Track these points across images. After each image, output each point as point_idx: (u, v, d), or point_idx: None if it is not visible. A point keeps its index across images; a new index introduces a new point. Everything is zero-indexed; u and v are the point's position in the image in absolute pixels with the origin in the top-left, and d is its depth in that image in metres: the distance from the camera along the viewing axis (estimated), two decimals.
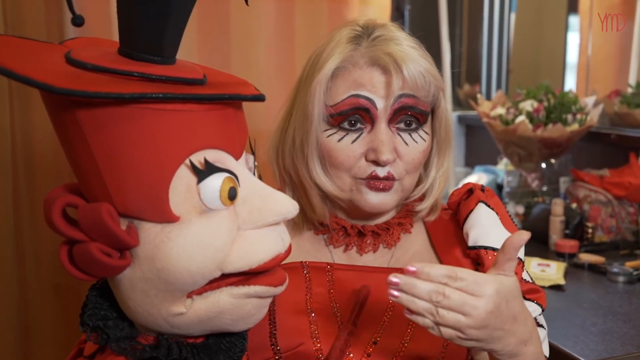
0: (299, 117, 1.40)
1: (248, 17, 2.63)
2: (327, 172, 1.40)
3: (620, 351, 1.81)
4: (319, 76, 1.36)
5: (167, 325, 1.01)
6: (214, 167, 0.96)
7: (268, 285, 1.03)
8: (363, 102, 1.34)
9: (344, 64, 1.36)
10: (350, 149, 1.36)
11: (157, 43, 0.98)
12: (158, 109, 0.93)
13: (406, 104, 1.35)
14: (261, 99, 1.03)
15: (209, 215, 0.96)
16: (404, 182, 1.40)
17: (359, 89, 1.34)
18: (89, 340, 1.05)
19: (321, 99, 1.35)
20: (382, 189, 1.37)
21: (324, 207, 1.45)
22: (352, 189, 1.38)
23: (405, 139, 1.37)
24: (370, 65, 1.35)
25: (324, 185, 1.39)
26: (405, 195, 1.44)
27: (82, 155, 0.96)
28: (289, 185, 1.48)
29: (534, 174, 3.08)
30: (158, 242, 0.95)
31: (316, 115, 1.36)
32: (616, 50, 3.45)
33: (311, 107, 1.36)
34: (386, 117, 1.35)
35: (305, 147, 1.39)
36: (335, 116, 1.35)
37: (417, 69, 1.34)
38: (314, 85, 1.36)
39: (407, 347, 1.35)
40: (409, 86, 1.34)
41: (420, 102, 1.37)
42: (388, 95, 1.34)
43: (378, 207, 1.38)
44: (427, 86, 1.37)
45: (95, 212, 0.93)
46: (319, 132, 1.37)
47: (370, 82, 1.35)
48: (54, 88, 0.87)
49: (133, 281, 0.98)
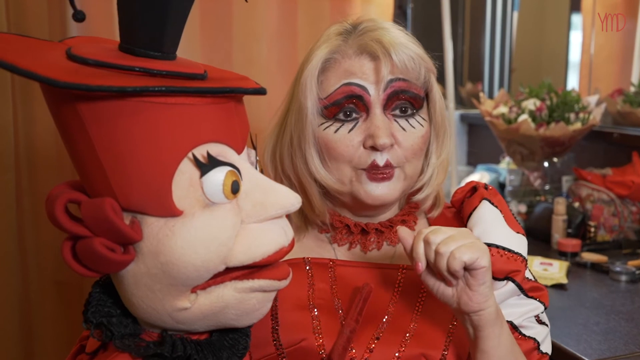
0: (294, 115, 1.41)
1: (250, 15, 2.64)
2: (327, 166, 1.40)
3: (623, 350, 1.80)
4: (308, 68, 1.38)
5: (171, 320, 1.01)
6: (217, 161, 0.97)
7: (272, 279, 1.03)
8: (356, 90, 1.35)
9: (333, 56, 1.38)
10: (348, 138, 1.36)
11: (157, 38, 0.98)
12: (160, 103, 0.93)
13: (399, 87, 1.36)
14: (262, 92, 1.04)
15: (212, 208, 0.96)
16: (406, 169, 1.40)
17: (350, 77, 1.36)
18: (92, 337, 1.05)
19: (313, 91, 1.37)
20: (383, 179, 1.37)
21: (323, 205, 1.45)
22: (353, 180, 1.38)
23: (402, 125, 1.38)
24: (359, 54, 1.37)
25: (323, 179, 1.40)
26: (410, 184, 1.44)
27: (84, 150, 0.96)
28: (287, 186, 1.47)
29: (536, 173, 3.08)
30: (162, 237, 0.95)
31: (310, 109, 1.37)
32: (619, 49, 3.44)
33: (304, 100, 1.37)
34: (380, 104, 1.36)
35: (303, 143, 1.39)
36: (329, 107, 1.36)
37: (406, 52, 1.35)
38: (304, 77, 1.38)
39: (410, 343, 1.35)
40: (399, 70, 1.36)
41: (412, 85, 1.38)
42: (379, 81, 1.35)
43: (380, 198, 1.38)
44: (417, 68, 1.38)
45: (98, 207, 0.92)
46: (314, 126, 1.38)
47: (361, 69, 1.36)
48: (56, 82, 0.87)
49: (137, 276, 0.98)
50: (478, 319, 1.24)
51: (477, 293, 1.22)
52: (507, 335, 1.30)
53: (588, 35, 3.50)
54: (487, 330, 1.25)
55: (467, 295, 1.22)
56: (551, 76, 3.30)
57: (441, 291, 1.25)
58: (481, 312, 1.23)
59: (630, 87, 3.26)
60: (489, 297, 1.24)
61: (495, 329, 1.26)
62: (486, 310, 1.23)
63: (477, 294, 1.22)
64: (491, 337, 1.26)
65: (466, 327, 1.28)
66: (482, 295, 1.22)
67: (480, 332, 1.26)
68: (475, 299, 1.22)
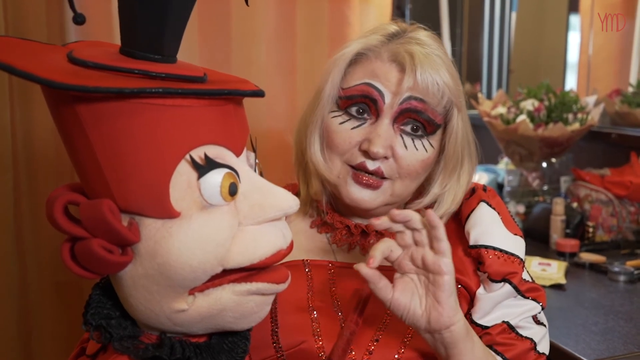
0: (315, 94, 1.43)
1: (249, 17, 2.64)
2: (323, 153, 1.41)
3: (622, 350, 1.80)
4: (340, 54, 1.40)
5: (169, 322, 1.01)
6: (215, 163, 0.97)
7: (270, 282, 1.02)
8: (373, 92, 1.36)
9: (366, 52, 1.39)
10: (349, 134, 1.37)
11: (157, 42, 0.99)
12: (158, 105, 0.94)
13: (414, 107, 1.35)
14: (260, 95, 1.04)
15: (209, 210, 0.96)
16: (395, 186, 1.39)
17: (374, 79, 1.37)
18: (92, 339, 1.05)
19: (335, 78, 1.38)
20: (366, 185, 1.37)
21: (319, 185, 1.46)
22: (339, 176, 1.39)
23: (405, 142, 1.37)
24: (390, 60, 1.38)
25: (317, 163, 1.41)
26: (395, 202, 1.43)
27: (83, 151, 0.96)
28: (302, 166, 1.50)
29: (534, 173, 3.08)
30: (159, 238, 0.95)
31: (327, 93, 1.39)
32: (617, 50, 3.43)
33: (323, 84, 1.39)
34: (391, 114, 1.36)
35: (310, 124, 1.42)
36: (344, 99, 1.38)
37: (433, 75, 1.35)
38: (332, 61, 1.39)
39: (409, 345, 1.35)
40: (420, 90, 1.35)
41: (429, 110, 1.37)
42: (397, 92, 1.35)
43: (357, 201, 1.38)
44: (438, 95, 1.37)
45: (97, 208, 0.93)
46: (325, 111, 1.40)
47: (386, 75, 1.36)
48: (54, 83, 0.88)
49: (135, 278, 0.98)
50: (450, 335, 1.22)
51: (446, 306, 1.19)
52: (480, 348, 1.29)
53: (586, 35, 3.49)
54: (459, 346, 1.23)
55: (436, 310, 1.20)
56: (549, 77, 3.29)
57: (411, 313, 1.21)
58: (452, 328, 1.21)
59: (628, 88, 3.25)
60: (458, 311, 1.22)
61: (467, 344, 1.24)
62: (457, 324, 1.21)
63: (447, 307, 1.19)
64: (464, 353, 1.24)
65: (437, 347, 1.25)
66: (451, 308, 1.20)
67: (453, 350, 1.23)
68: (445, 313, 1.19)
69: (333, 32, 2.82)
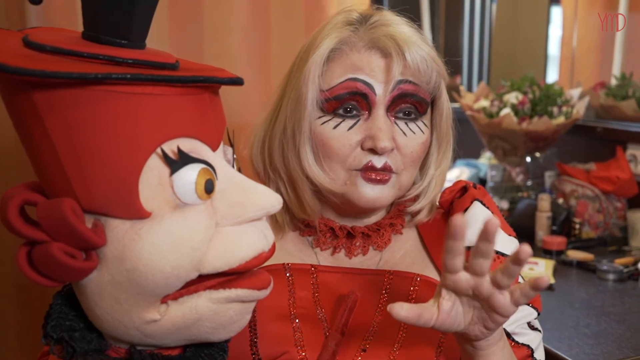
0: (290, 104, 1.33)
1: (222, 6, 2.58)
2: (320, 164, 1.33)
3: (617, 354, 1.78)
4: (314, 56, 1.30)
5: (139, 334, 0.95)
6: (189, 157, 0.91)
7: (251, 288, 0.97)
8: (361, 87, 1.28)
9: (340, 46, 1.31)
10: (346, 136, 1.29)
11: (124, 25, 0.93)
12: (126, 93, 0.88)
13: (406, 90, 1.29)
14: (239, 82, 0.98)
15: (183, 210, 0.90)
16: (401, 178, 1.33)
17: (357, 72, 1.29)
18: (53, 353, 0.99)
19: (315, 81, 1.29)
20: (378, 181, 1.30)
21: (315, 203, 1.38)
22: (347, 182, 1.31)
23: (403, 129, 1.31)
24: (369, 49, 1.30)
25: (316, 177, 1.32)
26: (401, 194, 1.38)
27: (41, 145, 0.90)
28: (274, 182, 1.41)
29: (518, 168, 3.11)
30: (127, 241, 0.88)
31: (310, 100, 1.30)
32: (599, 41, 3.48)
33: (305, 90, 1.30)
34: (385, 104, 1.29)
35: (297, 136, 1.32)
36: (330, 101, 1.29)
37: (420, 52, 1.28)
38: (308, 66, 1.30)
39: (398, 354, 1.29)
40: (410, 72, 1.29)
41: (421, 90, 1.31)
42: (387, 80, 1.28)
43: (373, 201, 1.31)
44: (429, 72, 1.31)
45: (57, 209, 0.86)
46: (312, 119, 1.31)
47: (369, 65, 1.29)
48: (8, 67, 0.82)
49: (101, 285, 0.91)
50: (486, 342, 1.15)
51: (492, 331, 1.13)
52: (509, 346, 1.24)
53: (569, 27, 3.52)
54: (493, 347, 1.17)
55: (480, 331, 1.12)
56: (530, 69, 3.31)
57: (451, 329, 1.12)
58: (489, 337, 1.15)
59: (611, 79, 3.27)
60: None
61: (500, 342, 1.18)
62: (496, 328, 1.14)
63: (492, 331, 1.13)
64: (497, 352, 1.18)
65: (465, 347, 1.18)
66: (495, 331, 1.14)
67: (484, 351, 1.17)
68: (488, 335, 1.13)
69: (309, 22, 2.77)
